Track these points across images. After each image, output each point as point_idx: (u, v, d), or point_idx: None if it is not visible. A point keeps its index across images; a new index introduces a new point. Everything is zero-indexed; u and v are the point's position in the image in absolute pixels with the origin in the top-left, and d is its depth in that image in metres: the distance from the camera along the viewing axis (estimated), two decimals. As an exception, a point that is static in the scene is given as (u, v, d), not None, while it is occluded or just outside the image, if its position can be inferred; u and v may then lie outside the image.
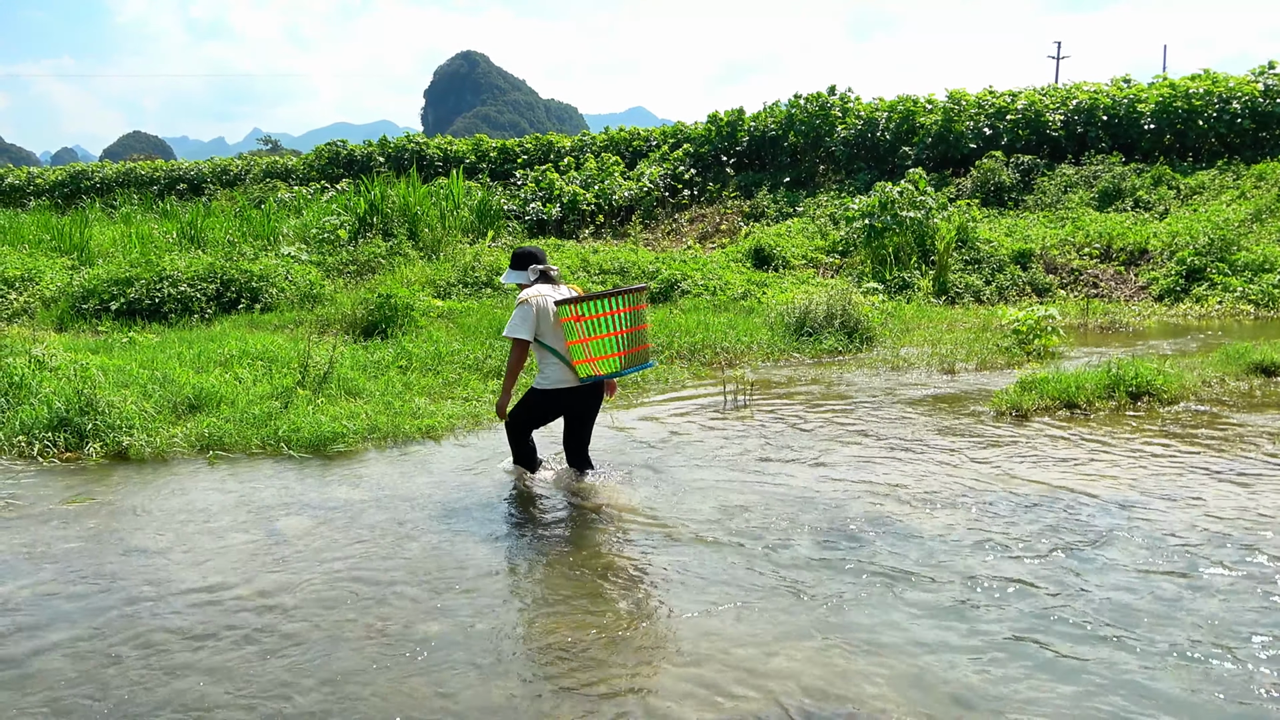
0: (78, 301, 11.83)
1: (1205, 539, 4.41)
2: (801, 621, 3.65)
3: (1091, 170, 18.22)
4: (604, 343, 5.09)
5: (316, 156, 28.39)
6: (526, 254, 5.43)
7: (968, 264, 14.84)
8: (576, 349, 5.07)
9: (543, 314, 5.16)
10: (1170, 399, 7.12)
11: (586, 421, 5.46)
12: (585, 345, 5.06)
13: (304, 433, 6.25)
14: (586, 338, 5.05)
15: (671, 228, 20.75)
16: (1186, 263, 13.78)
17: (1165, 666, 3.28)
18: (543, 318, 5.16)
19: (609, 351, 5.12)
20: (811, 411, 7.27)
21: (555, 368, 5.22)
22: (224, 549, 4.50)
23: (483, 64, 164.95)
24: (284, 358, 8.25)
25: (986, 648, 3.42)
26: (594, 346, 5.08)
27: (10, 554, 4.46)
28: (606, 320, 5.08)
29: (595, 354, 5.09)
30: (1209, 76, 18.91)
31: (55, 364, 7.57)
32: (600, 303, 5.06)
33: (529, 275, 5.33)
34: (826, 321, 10.47)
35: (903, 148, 20.51)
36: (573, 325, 5.01)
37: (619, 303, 5.10)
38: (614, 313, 5.09)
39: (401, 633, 3.61)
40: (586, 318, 5.03)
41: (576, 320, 5.01)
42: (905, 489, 5.27)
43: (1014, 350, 9.56)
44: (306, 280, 12.74)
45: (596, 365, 5.11)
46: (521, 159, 25.33)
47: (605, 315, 5.07)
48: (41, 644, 3.56)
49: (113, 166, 32.95)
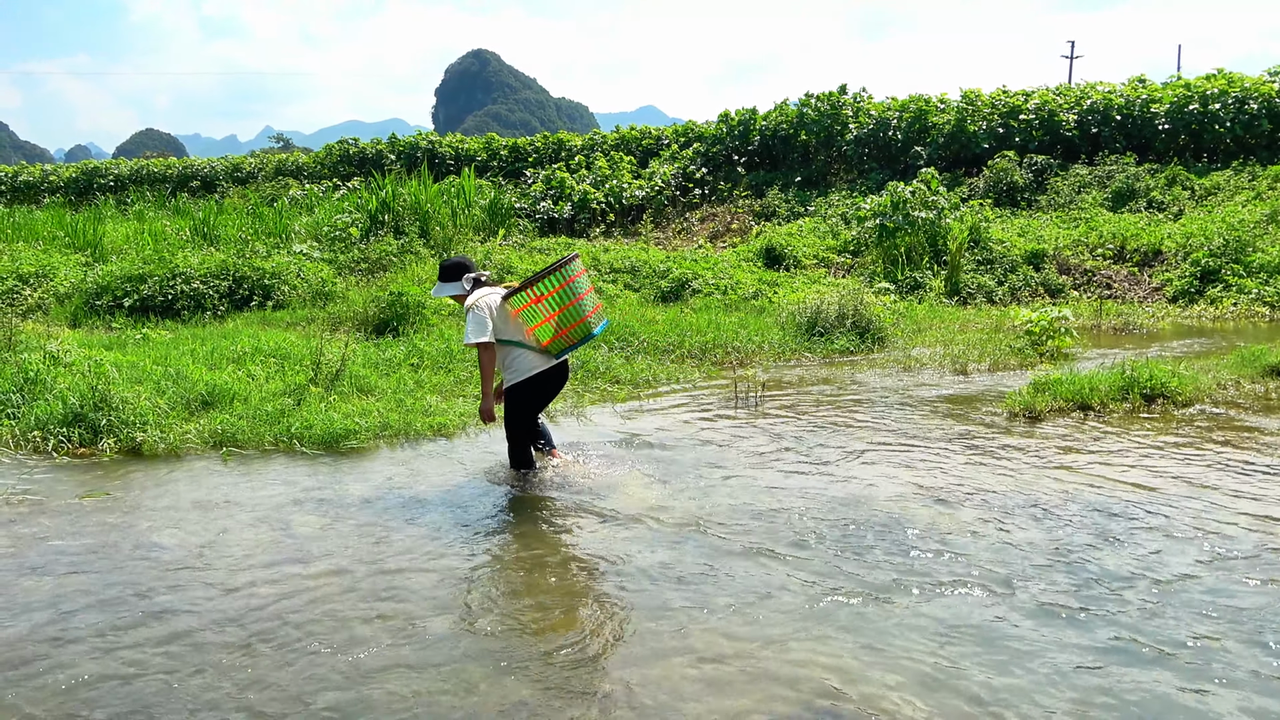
0: (91, 298, 11.89)
1: (1226, 541, 4.37)
2: (817, 621, 3.64)
3: (1105, 170, 18.12)
4: (572, 310, 5.24)
5: (328, 154, 28.46)
6: (457, 264, 5.55)
7: (980, 264, 14.78)
8: (544, 329, 5.24)
9: (495, 313, 5.29)
10: (1185, 401, 7.07)
11: (551, 399, 5.63)
12: (552, 321, 5.22)
13: (316, 430, 6.27)
14: (552, 314, 5.20)
15: (683, 227, 20.73)
16: (1201, 264, 13.70)
17: (1202, 676, 3.25)
18: (497, 317, 5.29)
19: (580, 317, 5.28)
20: (823, 412, 7.25)
21: (523, 358, 5.35)
22: (238, 545, 4.52)
23: (494, 62, 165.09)
24: (296, 355, 8.27)
25: (1001, 649, 3.40)
26: (563, 318, 5.22)
27: (26, 549, 4.48)
28: (564, 292, 5.20)
29: (566, 324, 5.24)
30: (1224, 76, 18.80)
31: (70, 360, 7.60)
32: (551, 279, 5.18)
33: (464, 285, 5.47)
34: (838, 321, 10.44)
35: (915, 147, 20.45)
36: (534, 309, 5.19)
37: (567, 272, 5.22)
38: (568, 282, 5.21)
39: (413, 630, 3.62)
40: (545, 296, 5.17)
41: (537, 302, 5.18)
42: (917, 490, 5.24)
43: (1027, 351, 9.52)
44: (318, 278, 12.78)
45: (570, 334, 5.28)
46: (532, 157, 25.35)
47: (561, 288, 5.19)
48: (59, 639, 3.58)
49: (126, 164, 33.10)
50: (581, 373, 8.44)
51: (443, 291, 5.56)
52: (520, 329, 5.29)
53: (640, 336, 9.84)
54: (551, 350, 5.31)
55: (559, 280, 5.18)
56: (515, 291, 5.21)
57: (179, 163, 32.60)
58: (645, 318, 11.06)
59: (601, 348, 9.35)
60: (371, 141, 28.26)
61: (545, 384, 5.43)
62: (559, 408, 7.33)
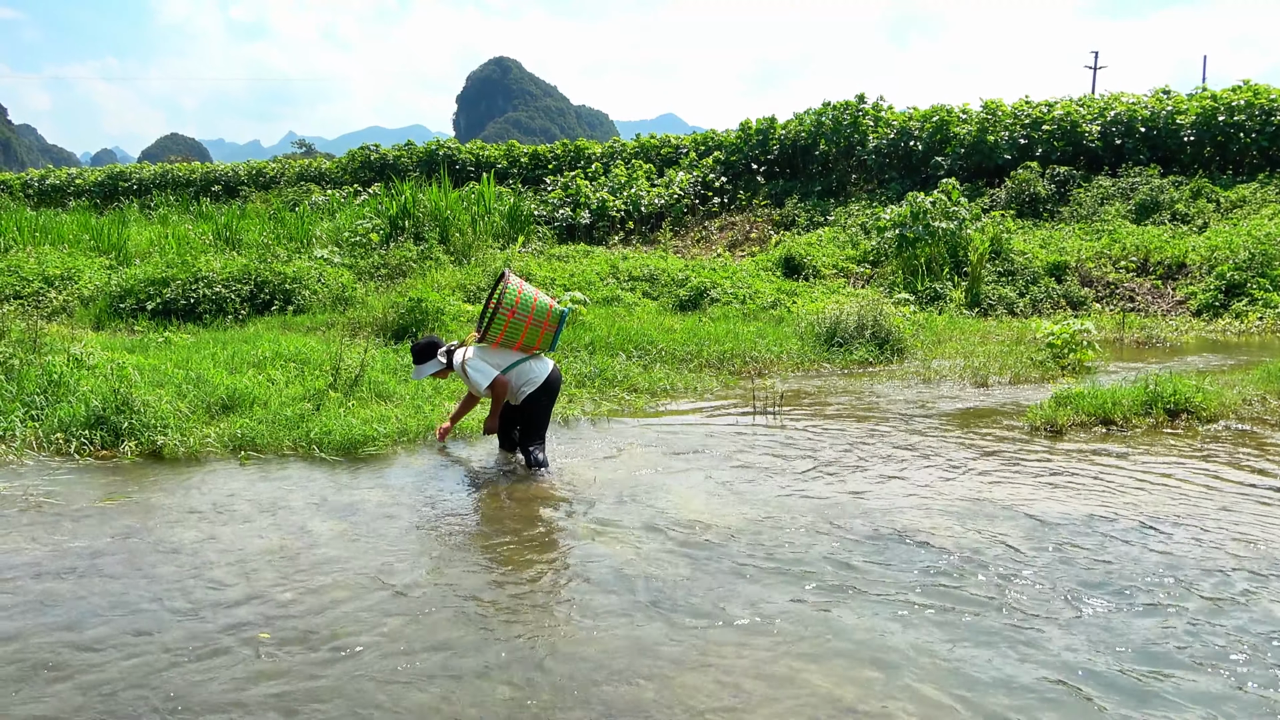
0: (115, 301, 12.01)
1: (1249, 562, 4.30)
2: (830, 636, 3.61)
3: (1129, 182, 17.98)
4: (539, 307, 5.74)
5: (350, 160, 28.67)
6: (428, 344, 6.08)
7: (1001, 275, 14.69)
8: (532, 332, 5.76)
9: (485, 355, 5.80)
10: (1209, 417, 6.99)
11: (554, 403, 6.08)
12: (531, 325, 5.73)
13: (335, 435, 6.29)
14: (528, 319, 5.71)
15: (701, 235, 20.72)
16: (1226, 277, 13.55)
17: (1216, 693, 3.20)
18: (489, 358, 5.79)
19: (546, 309, 5.78)
20: (841, 423, 7.20)
21: (528, 369, 5.84)
22: (257, 550, 4.53)
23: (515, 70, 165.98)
24: (316, 360, 8.31)
25: (1014, 666, 3.36)
26: (537, 315, 5.73)
27: (49, 551, 4.51)
28: (524, 299, 5.71)
29: (541, 319, 5.76)
30: (1250, 88, 18.62)
31: (93, 362, 7.67)
32: (508, 292, 5.69)
33: (440, 359, 5.99)
34: (857, 332, 10.39)
35: (935, 157, 20.36)
36: (517, 323, 5.70)
37: (515, 284, 5.76)
38: (520, 290, 5.73)
39: (430, 638, 3.61)
40: (515, 310, 5.67)
41: (512, 316, 5.68)
42: (935, 504, 5.20)
43: (1048, 364, 9.43)
44: (339, 283, 12.85)
45: (548, 326, 5.79)
46: (552, 165, 25.42)
47: (519, 297, 5.69)
48: (81, 642, 3.59)
49: (150, 168, 33.48)
50: (599, 381, 8.44)
51: (422, 373, 6.09)
52: (509, 352, 5.83)
53: (658, 345, 9.83)
54: (544, 348, 5.90)
55: (514, 292, 5.70)
56: (488, 326, 5.73)
57: (202, 167, 32.93)
58: (663, 326, 11.05)
59: (620, 356, 9.35)
60: (393, 147, 28.46)
61: (550, 389, 5.94)
62: (578, 414, 7.33)
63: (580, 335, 10.08)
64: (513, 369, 5.83)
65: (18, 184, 33.92)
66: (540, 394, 5.86)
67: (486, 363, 5.78)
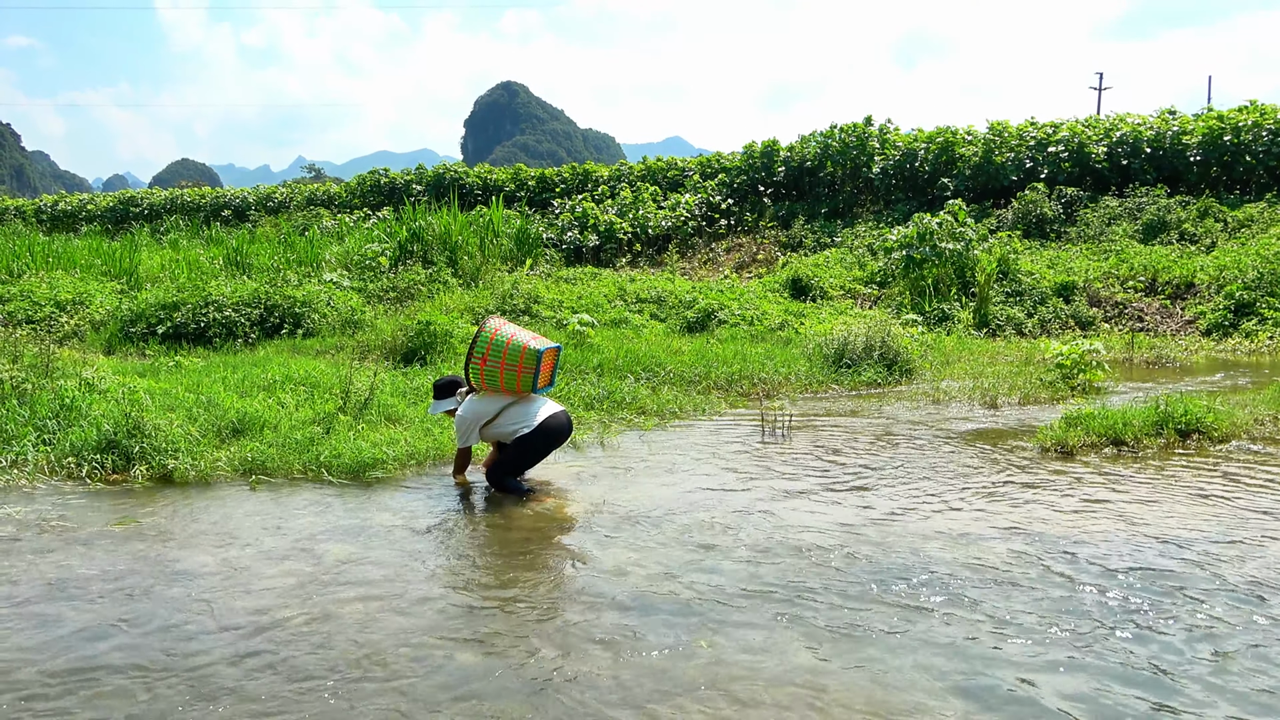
0: (126, 325, 12.09)
1: (1267, 584, 4.27)
2: (839, 657, 3.59)
3: (1136, 202, 18.00)
4: (513, 350, 5.72)
5: (359, 184, 28.89)
6: (449, 383, 6.13)
7: (1009, 296, 14.69)
8: (508, 376, 5.76)
9: (475, 404, 5.86)
10: (1221, 437, 6.95)
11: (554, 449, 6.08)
12: (505, 369, 5.74)
13: (345, 458, 6.30)
14: (500, 363, 5.72)
15: (708, 257, 20.79)
16: (1235, 297, 13.52)
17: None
18: (480, 405, 5.84)
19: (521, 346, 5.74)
20: (850, 444, 7.19)
21: (522, 410, 5.88)
22: (268, 574, 4.53)
23: (522, 94, 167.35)
24: (326, 383, 8.34)
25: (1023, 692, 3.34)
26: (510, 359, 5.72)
27: (60, 576, 4.52)
28: (497, 343, 5.73)
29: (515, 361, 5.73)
30: (1256, 108, 18.66)
31: (104, 387, 7.72)
32: (481, 338, 5.75)
33: (458, 398, 6.05)
34: (865, 353, 10.38)
35: (942, 179, 20.43)
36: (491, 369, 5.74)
37: (487, 330, 5.79)
38: (494, 335, 5.76)
39: (443, 662, 3.60)
40: (486, 357, 5.72)
41: (484, 363, 5.74)
42: (946, 526, 5.18)
43: (1058, 385, 9.41)
44: (348, 306, 12.92)
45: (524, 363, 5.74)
46: (559, 188, 25.58)
47: (491, 342, 5.72)
48: (92, 668, 3.59)
49: (161, 193, 33.77)
50: (608, 403, 8.45)
51: (437, 409, 6.14)
52: (499, 397, 5.87)
53: (666, 367, 9.84)
54: (526, 388, 5.83)
55: (486, 339, 5.74)
56: (466, 372, 5.81)
57: (212, 192, 33.22)
58: (671, 348, 11.06)
59: (628, 378, 9.36)
60: (402, 171, 28.68)
61: (550, 434, 5.90)
62: (585, 438, 7.33)
63: (588, 357, 10.10)
64: (501, 414, 5.86)
65: (31, 210, 34.26)
66: (534, 436, 5.84)
67: (474, 412, 5.85)
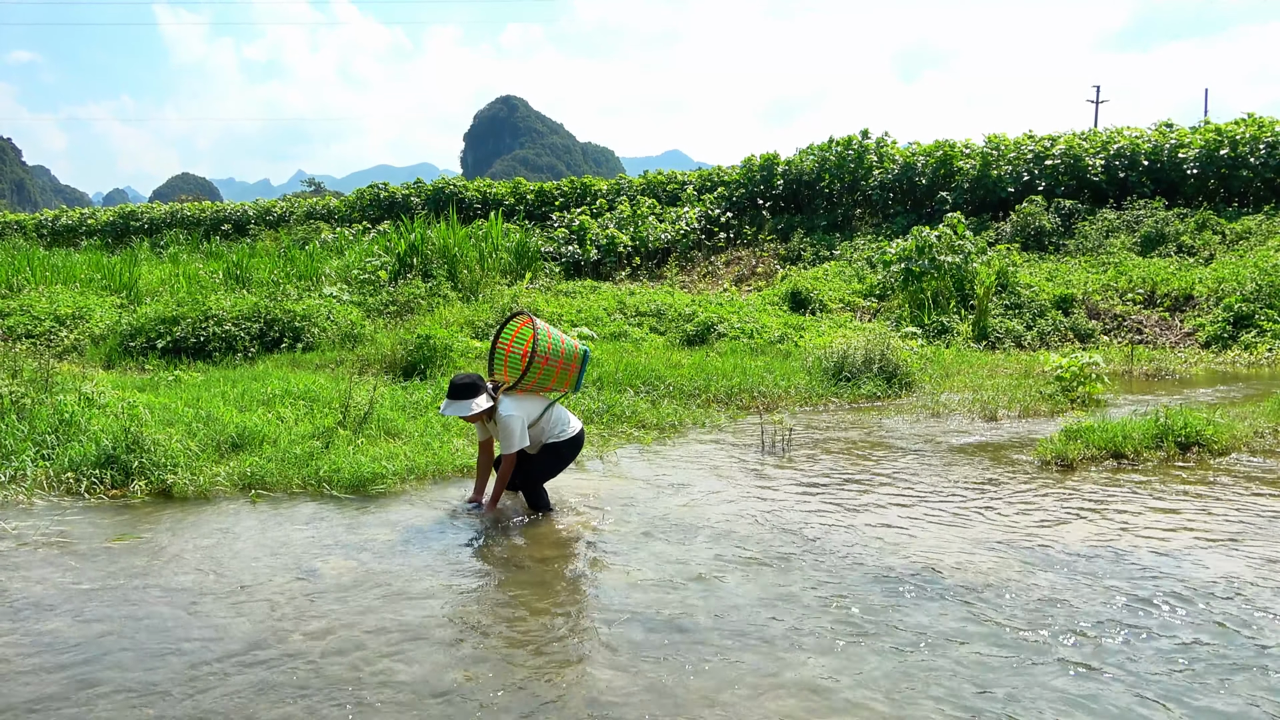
0: (126, 339, 12.07)
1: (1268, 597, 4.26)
2: (844, 674, 3.58)
3: (1134, 215, 18.05)
4: (567, 352, 5.68)
5: (358, 198, 28.97)
6: (470, 384, 5.53)
7: (1008, 309, 14.70)
8: (562, 375, 5.71)
9: (518, 405, 5.63)
10: (1221, 450, 6.95)
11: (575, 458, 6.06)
12: (561, 369, 5.67)
13: (344, 473, 6.29)
14: (558, 364, 5.64)
15: (707, 270, 20.82)
16: (1234, 309, 13.55)
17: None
18: (520, 408, 5.62)
19: (574, 350, 5.72)
20: (850, 458, 7.18)
21: (561, 414, 5.84)
22: (267, 590, 4.51)
23: (521, 108, 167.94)
24: (325, 397, 8.33)
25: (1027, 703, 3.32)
26: (567, 360, 5.68)
27: (58, 591, 4.51)
28: (554, 344, 5.62)
29: (571, 362, 5.70)
30: (1254, 121, 18.74)
31: (103, 401, 7.70)
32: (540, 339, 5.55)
33: (482, 403, 5.53)
34: (865, 366, 10.39)
35: (940, 192, 20.49)
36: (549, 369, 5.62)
37: (542, 327, 5.62)
38: (549, 335, 5.63)
39: (446, 679, 3.58)
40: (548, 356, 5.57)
41: (545, 363, 5.58)
42: (947, 540, 5.17)
43: (1057, 397, 9.41)
44: (348, 320, 12.92)
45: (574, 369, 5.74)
46: (559, 201, 25.65)
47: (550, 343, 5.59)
48: (90, 683, 3.58)
49: (161, 207, 33.86)
50: (607, 417, 8.44)
51: (452, 411, 5.53)
52: (537, 398, 5.76)
53: (666, 380, 9.84)
54: (569, 388, 5.86)
55: (545, 338, 5.57)
56: (524, 373, 5.60)
57: (212, 206, 33.31)
58: (671, 361, 11.06)
59: (628, 391, 9.35)
60: (401, 185, 28.77)
61: (579, 442, 5.95)
62: (586, 452, 7.32)
63: (588, 371, 10.04)
64: (542, 417, 5.74)
65: (31, 224, 34.35)
66: (570, 443, 5.83)
67: (526, 412, 5.63)
